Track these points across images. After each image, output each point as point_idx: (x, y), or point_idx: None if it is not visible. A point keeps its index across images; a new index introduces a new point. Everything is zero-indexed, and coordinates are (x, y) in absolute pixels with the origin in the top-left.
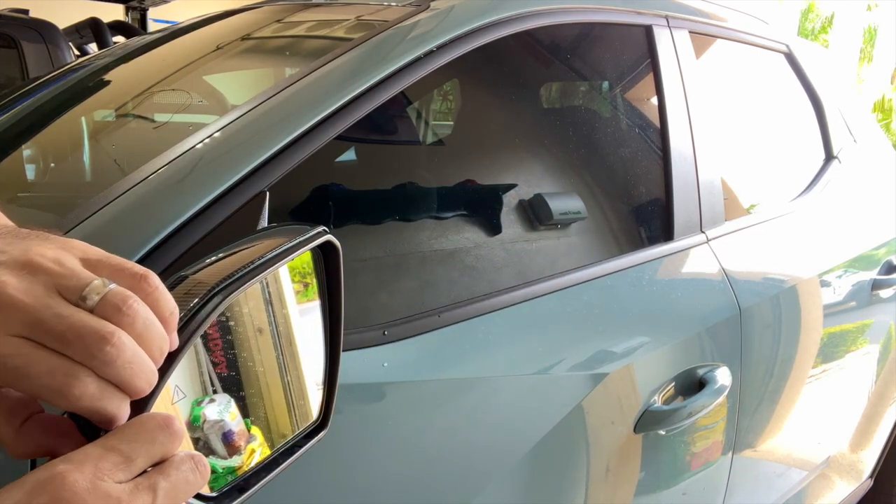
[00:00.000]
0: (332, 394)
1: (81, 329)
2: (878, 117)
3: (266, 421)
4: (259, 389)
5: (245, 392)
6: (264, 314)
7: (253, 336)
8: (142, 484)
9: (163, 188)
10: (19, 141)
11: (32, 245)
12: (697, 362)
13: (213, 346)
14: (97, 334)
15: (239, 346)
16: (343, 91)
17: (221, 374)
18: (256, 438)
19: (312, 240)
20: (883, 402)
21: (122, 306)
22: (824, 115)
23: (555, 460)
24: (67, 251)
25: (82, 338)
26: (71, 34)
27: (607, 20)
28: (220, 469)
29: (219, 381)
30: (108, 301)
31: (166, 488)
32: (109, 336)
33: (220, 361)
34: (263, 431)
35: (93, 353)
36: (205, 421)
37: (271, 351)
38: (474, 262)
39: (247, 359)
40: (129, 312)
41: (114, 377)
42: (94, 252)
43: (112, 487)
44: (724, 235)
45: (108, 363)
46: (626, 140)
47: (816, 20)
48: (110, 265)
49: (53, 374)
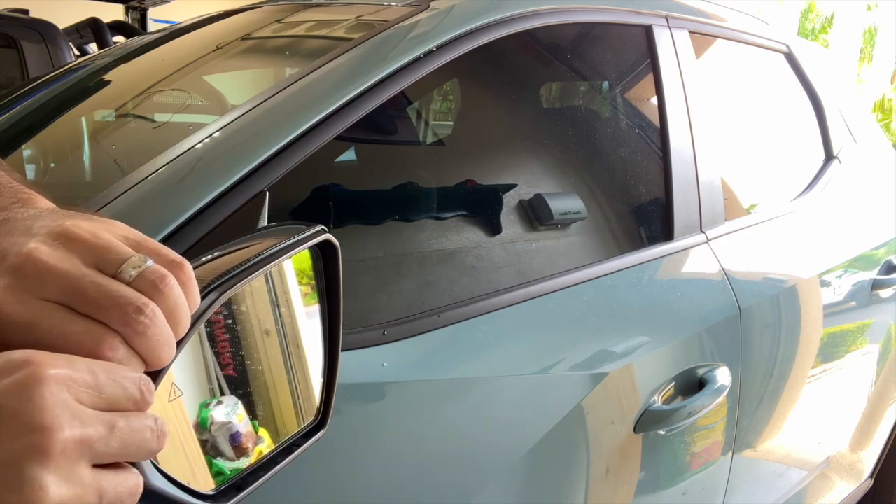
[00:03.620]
0: (330, 393)
1: (118, 297)
2: (878, 117)
3: (274, 423)
4: (267, 391)
5: (253, 394)
6: (271, 316)
7: (260, 338)
8: (101, 415)
9: (163, 188)
10: (19, 141)
11: (70, 218)
12: (697, 362)
13: (220, 348)
14: (133, 304)
15: (246, 348)
16: (343, 91)
17: (229, 376)
18: (264, 440)
19: (311, 238)
20: (883, 402)
21: (160, 284)
22: (824, 115)
23: (555, 460)
24: (107, 228)
25: (119, 306)
26: (71, 34)
27: (607, 20)
28: (227, 471)
29: (226, 384)
30: (145, 276)
31: (122, 430)
32: (144, 307)
33: (228, 363)
34: (271, 433)
35: (127, 321)
36: (212, 423)
37: (279, 353)
38: (474, 262)
39: (254, 361)
40: (165, 290)
41: (141, 346)
42: (134, 233)
43: (72, 402)
44: (724, 235)
45: (139, 333)
46: (626, 140)
47: (816, 20)
48: (149, 247)
49: (86, 336)
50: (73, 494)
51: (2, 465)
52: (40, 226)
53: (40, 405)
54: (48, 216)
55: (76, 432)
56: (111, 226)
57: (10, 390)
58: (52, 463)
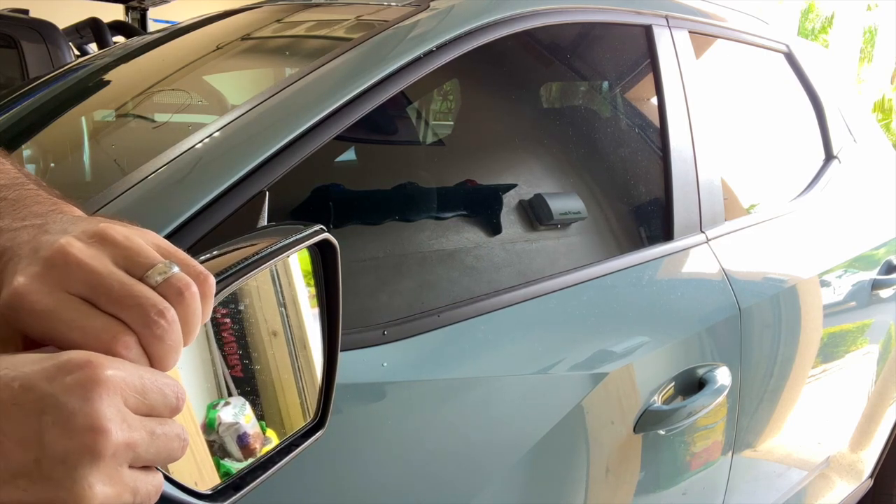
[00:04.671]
0: (329, 393)
1: (141, 298)
2: (878, 117)
3: (281, 423)
4: (274, 392)
5: (260, 395)
6: (278, 317)
7: (267, 339)
8: (144, 421)
9: (162, 188)
10: (19, 141)
11: (106, 222)
12: (697, 362)
13: (228, 349)
14: (156, 307)
15: (253, 349)
16: (343, 91)
17: (236, 377)
18: (271, 441)
19: (310, 238)
20: (883, 402)
21: (185, 292)
22: (824, 115)
23: (555, 460)
24: (140, 234)
25: (141, 307)
26: (71, 34)
27: (607, 20)
28: (234, 471)
29: (234, 384)
30: (171, 283)
31: (159, 437)
32: (166, 310)
33: (235, 364)
34: (279, 434)
35: (147, 323)
36: (220, 424)
37: (286, 354)
38: (474, 262)
39: (261, 362)
40: (187, 299)
41: (154, 349)
42: (165, 243)
43: (122, 405)
44: (724, 235)
45: (157, 336)
46: (625, 140)
47: (816, 20)
48: (178, 257)
49: (103, 332)
50: (114, 494)
51: (55, 461)
52: (76, 226)
53: (98, 407)
54: (85, 220)
55: (125, 436)
56: (144, 233)
57: (71, 389)
58: (102, 464)
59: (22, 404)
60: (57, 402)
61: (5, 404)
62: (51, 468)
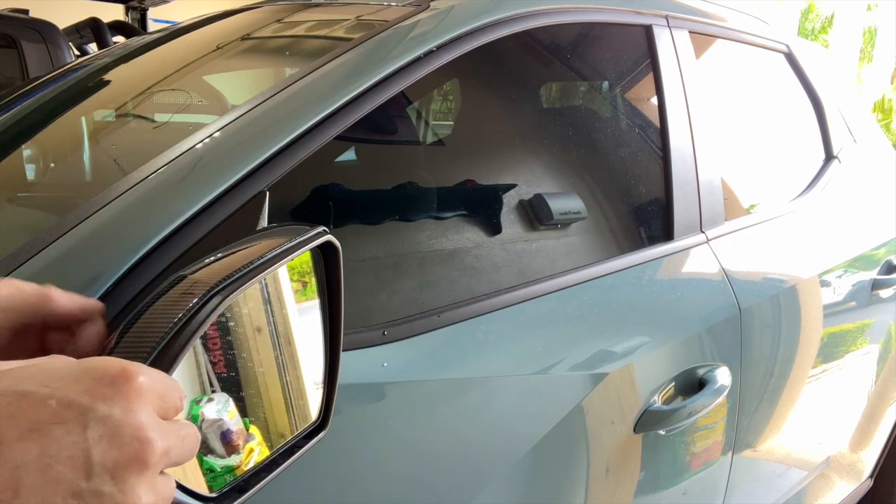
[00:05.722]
0: (331, 394)
1: None
2: (878, 117)
3: (265, 420)
4: (258, 389)
5: (244, 391)
6: (263, 313)
7: (252, 335)
8: (172, 427)
9: (163, 188)
10: (19, 141)
11: None
12: (697, 362)
13: (211, 345)
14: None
15: (238, 345)
16: (343, 91)
17: (220, 373)
18: (255, 437)
19: (312, 240)
20: (883, 402)
21: None
22: (824, 115)
23: (555, 460)
24: None
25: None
26: (71, 34)
27: (607, 20)
28: (218, 468)
29: (217, 381)
30: None
31: (186, 441)
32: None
33: (219, 361)
34: (262, 431)
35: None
36: (203, 420)
37: (270, 350)
38: (474, 262)
39: (245, 358)
40: None
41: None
42: None
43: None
44: (724, 235)
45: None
46: (626, 140)
47: (816, 20)
48: None
49: None
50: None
51: (105, 472)
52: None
53: (140, 417)
54: None
55: (164, 444)
56: None
57: (112, 400)
58: (148, 473)
59: (64, 422)
60: (99, 415)
61: (45, 425)
62: (101, 483)
